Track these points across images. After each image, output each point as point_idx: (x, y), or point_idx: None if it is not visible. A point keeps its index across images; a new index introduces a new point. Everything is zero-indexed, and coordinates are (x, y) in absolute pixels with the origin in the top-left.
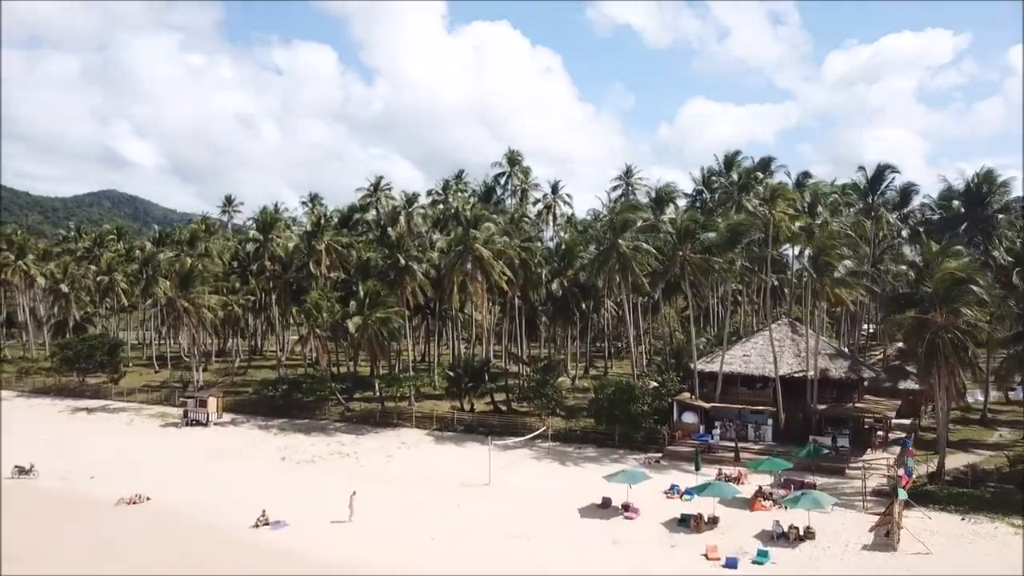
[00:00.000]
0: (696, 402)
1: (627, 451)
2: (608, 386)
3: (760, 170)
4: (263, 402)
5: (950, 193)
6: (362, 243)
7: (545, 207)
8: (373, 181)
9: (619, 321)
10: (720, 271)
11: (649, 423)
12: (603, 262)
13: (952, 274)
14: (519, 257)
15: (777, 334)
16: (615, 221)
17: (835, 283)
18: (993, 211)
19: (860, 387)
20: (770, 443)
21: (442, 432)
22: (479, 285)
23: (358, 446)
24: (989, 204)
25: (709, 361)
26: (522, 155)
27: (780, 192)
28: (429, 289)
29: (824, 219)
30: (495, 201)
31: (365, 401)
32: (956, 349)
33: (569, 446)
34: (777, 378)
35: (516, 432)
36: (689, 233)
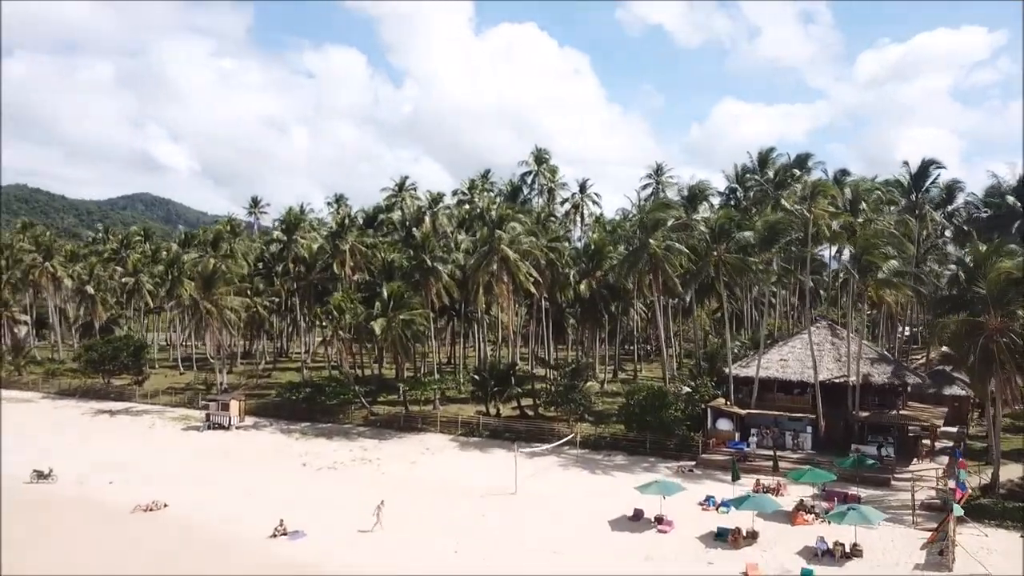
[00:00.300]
0: (731, 408)
1: (658, 459)
2: (639, 391)
3: (797, 167)
4: (286, 405)
5: (1001, 190)
6: (387, 244)
7: (573, 207)
8: (398, 181)
9: (648, 323)
10: (756, 272)
11: (682, 430)
12: (633, 262)
13: (1008, 274)
14: (546, 258)
15: (816, 337)
16: (646, 220)
17: (879, 284)
18: None
19: (904, 393)
20: (809, 452)
21: (467, 437)
22: (505, 286)
23: (381, 451)
24: None
25: (744, 365)
26: (549, 153)
27: (821, 188)
28: (454, 290)
29: (867, 217)
30: (522, 201)
31: (389, 405)
32: (1012, 354)
33: (598, 453)
34: (817, 383)
35: (543, 438)
36: (724, 232)
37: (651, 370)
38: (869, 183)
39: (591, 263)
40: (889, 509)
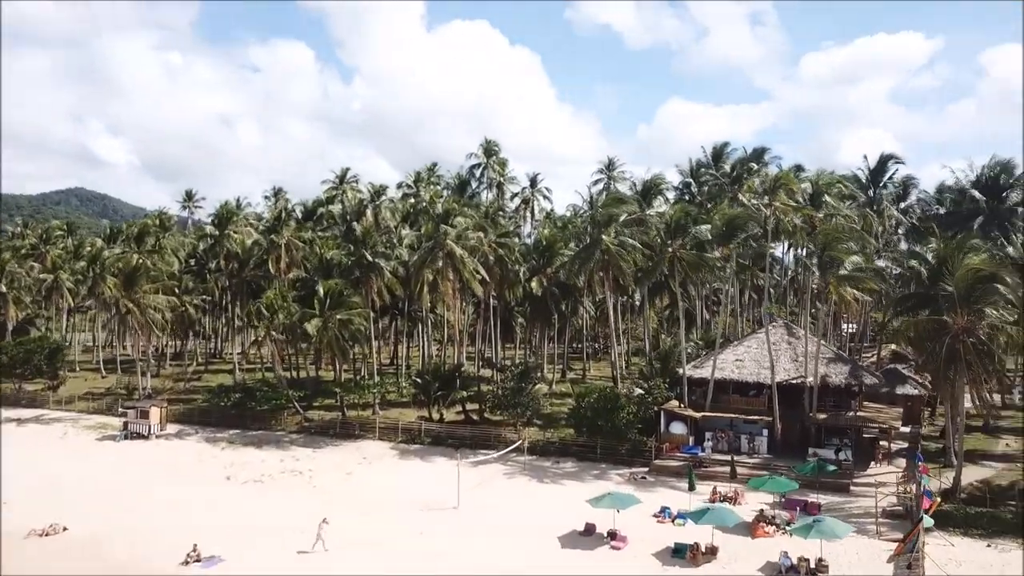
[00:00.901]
0: (685, 411)
1: (610, 465)
2: (590, 393)
3: (753, 161)
4: (214, 411)
5: (959, 186)
6: (326, 239)
7: (523, 202)
8: (339, 173)
9: (597, 322)
10: (714, 268)
11: (634, 434)
12: (586, 259)
13: (977, 271)
14: (494, 254)
15: (772, 337)
16: (599, 215)
17: (841, 281)
18: (1012, 204)
19: (860, 394)
20: (766, 456)
21: (408, 445)
22: (450, 284)
23: (314, 461)
24: (1007, 196)
25: (698, 366)
26: (499, 146)
27: (783, 181)
28: (397, 288)
29: (829, 211)
30: (470, 195)
31: (326, 410)
32: (980, 355)
33: (546, 460)
34: (774, 385)
35: (489, 444)
36: (680, 227)
37: (599, 369)
38: (830, 177)
39: (542, 260)
40: (851, 518)
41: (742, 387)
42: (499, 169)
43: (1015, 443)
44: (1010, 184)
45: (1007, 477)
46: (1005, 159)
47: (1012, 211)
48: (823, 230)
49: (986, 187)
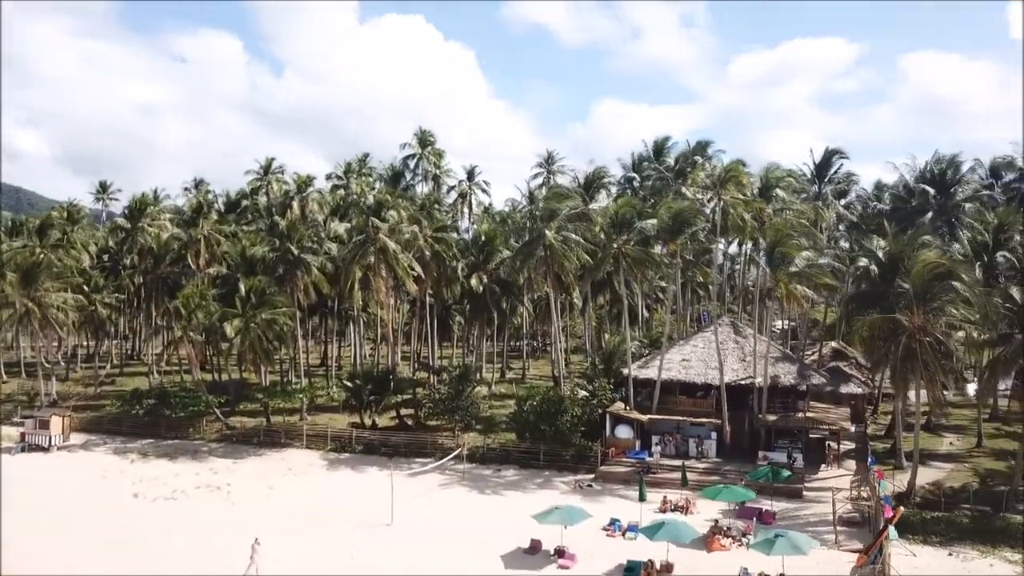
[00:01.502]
0: (631, 414)
1: (554, 472)
2: (532, 396)
3: (697, 155)
4: (126, 419)
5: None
6: (250, 233)
7: (460, 196)
8: (264, 163)
9: (536, 319)
10: (661, 264)
11: (579, 439)
12: (528, 255)
13: (933, 268)
14: (431, 249)
15: (719, 336)
16: (542, 209)
17: (792, 278)
18: (959, 200)
19: (808, 394)
20: (715, 460)
21: (338, 454)
22: (383, 281)
23: (234, 474)
24: (955, 192)
25: (644, 366)
26: (434, 136)
27: (733, 174)
28: (325, 285)
29: (780, 205)
30: (404, 187)
31: (250, 416)
32: (937, 355)
33: (487, 468)
34: (722, 385)
35: (425, 452)
36: (626, 222)
37: (539, 367)
38: (780, 170)
39: (481, 255)
40: (807, 526)
41: (689, 388)
42: (435, 160)
43: (958, 441)
44: (957, 180)
45: (957, 478)
46: (951, 155)
47: (959, 207)
48: (774, 225)
49: (933, 183)
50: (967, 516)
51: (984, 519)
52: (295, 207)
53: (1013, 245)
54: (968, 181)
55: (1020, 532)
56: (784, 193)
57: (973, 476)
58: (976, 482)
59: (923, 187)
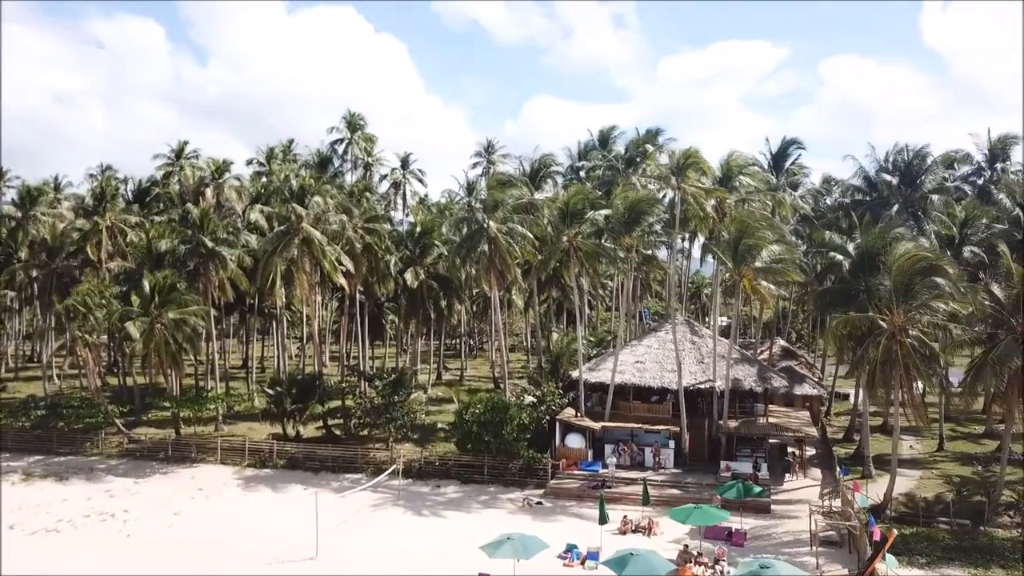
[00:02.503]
0: (583, 421)
1: (500, 488)
2: (475, 403)
3: (648, 143)
4: (11, 433)
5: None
6: (160, 224)
7: (393, 185)
8: (176, 147)
9: (474, 317)
10: (616, 259)
11: (527, 450)
12: (470, 248)
13: (915, 262)
14: (361, 241)
15: (672, 336)
16: (484, 198)
17: (758, 273)
18: (926, 191)
19: (767, 397)
20: (673, 471)
21: (257, 470)
22: (307, 276)
23: (133, 498)
24: (922, 183)
25: (594, 368)
26: (365, 120)
27: (693, 160)
28: (243, 281)
29: (744, 194)
30: (332, 174)
31: (158, 426)
32: (922, 357)
33: (425, 483)
34: (681, 389)
35: (355, 467)
36: (577, 213)
37: (477, 367)
38: (743, 157)
39: (417, 249)
40: (781, 547)
41: (643, 392)
42: (365, 146)
43: (918, 444)
44: (924, 170)
45: (929, 487)
46: (918, 145)
47: (925, 199)
48: (738, 215)
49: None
50: (947, 532)
51: (966, 534)
52: (209, 195)
53: (980, 239)
54: (935, 172)
55: (1008, 549)
56: (751, 180)
57: (946, 485)
58: (951, 492)
59: (888, 178)
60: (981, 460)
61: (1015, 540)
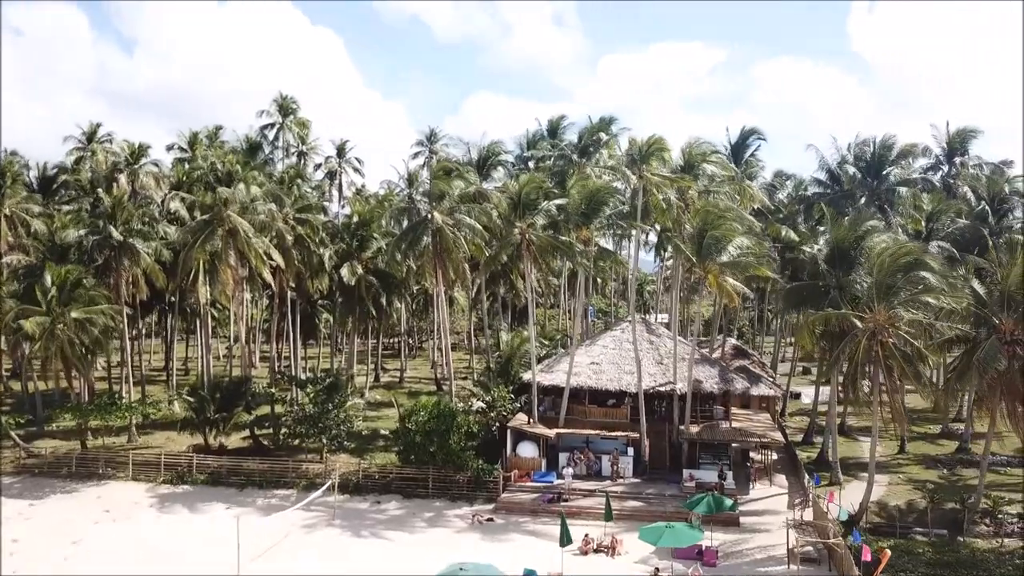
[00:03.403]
0: (536, 428)
1: (446, 502)
2: (419, 410)
3: (601, 131)
4: None
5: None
6: (69, 213)
7: (328, 174)
8: (87, 129)
9: (414, 315)
10: (573, 253)
11: (475, 461)
12: (413, 241)
13: (899, 256)
14: (292, 233)
15: (628, 335)
16: (429, 187)
17: (724, 268)
18: (891, 184)
19: (727, 400)
20: (632, 480)
21: (174, 487)
22: (231, 271)
23: (27, 523)
24: (887, 175)
25: (548, 370)
26: (297, 103)
27: (657, 147)
28: (160, 276)
29: (708, 185)
30: (262, 162)
31: (63, 437)
32: (903, 357)
33: (364, 499)
34: (641, 393)
35: (286, 481)
36: (531, 203)
37: (417, 368)
38: (706, 145)
39: (354, 241)
40: (755, 565)
41: (600, 396)
42: (299, 132)
43: (878, 447)
44: (892, 161)
45: (898, 494)
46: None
47: (892, 191)
48: (703, 206)
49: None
50: (926, 543)
51: (946, 546)
52: (123, 181)
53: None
54: (901, 163)
55: (992, 562)
56: (716, 168)
57: (916, 491)
58: (924, 499)
59: (853, 170)
60: (945, 463)
61: (996, 551)
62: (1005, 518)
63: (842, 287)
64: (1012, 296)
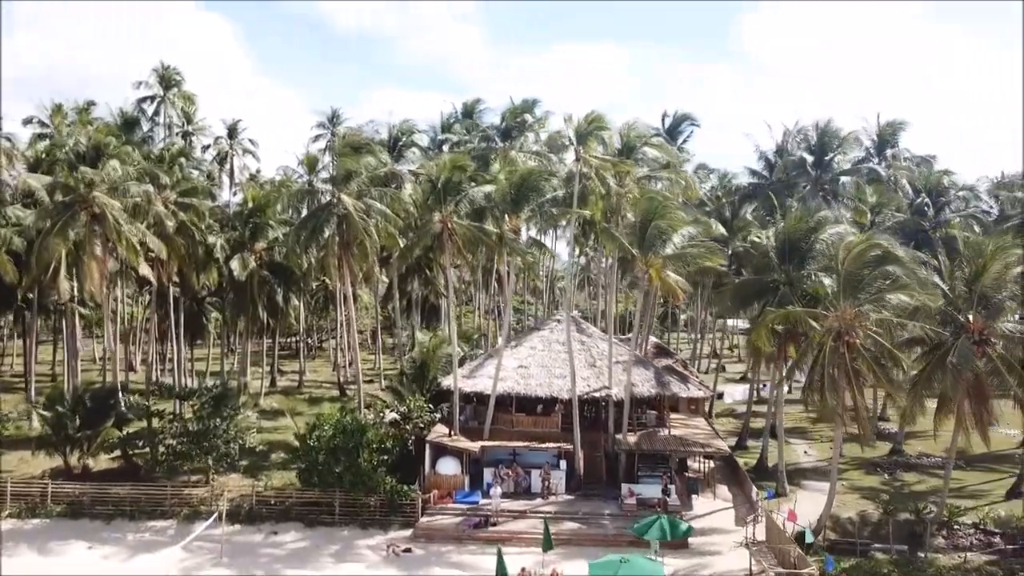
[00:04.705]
0: (459, 442)
1: (356, 530)
2: (323, 424)
3: (525, 112)
4: None
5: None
6: None
7: (219, 159)
8: None
9: (312, 313)
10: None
11: (390, 482)
12: (316, 228)
13: (866, 250)
14: (174, 219)
15: (558, 336)
16: (337, 166)
17: (669, 261)
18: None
19: (662, 404)
20: (566, 497)
21: (21, 521)
22: (98, 262)
23: None
24: (831, 164)
25: (470, 375)
26: (182, 75)
27: (597, 125)
28: (8, 269)
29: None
30: (141, 139)
31: None
32: (874, 360)
33: (258, 529)
34: (575, 399)
35: (164, 511)
36: (453, 187)
37: (317, 370)
38: (645, 127)
39: (247, 230)
40: None
41: (528, 403)
42: (183, 107)
43: (811, 450)
44: (837, 148)
45: (849, 505)
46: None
47: (836, 180)
48: (645, 194)
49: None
50: (889, 562)
51: (910, 564)
52: None
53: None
54: (847, 151)
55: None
56: (657, 152)
57: (865, 500)
58: (877, 510)
59: (797, 158)
60: (884, 466)
61: (961, 568)
62: (961, 529)
63: (792, 283)
64: (984, 293)
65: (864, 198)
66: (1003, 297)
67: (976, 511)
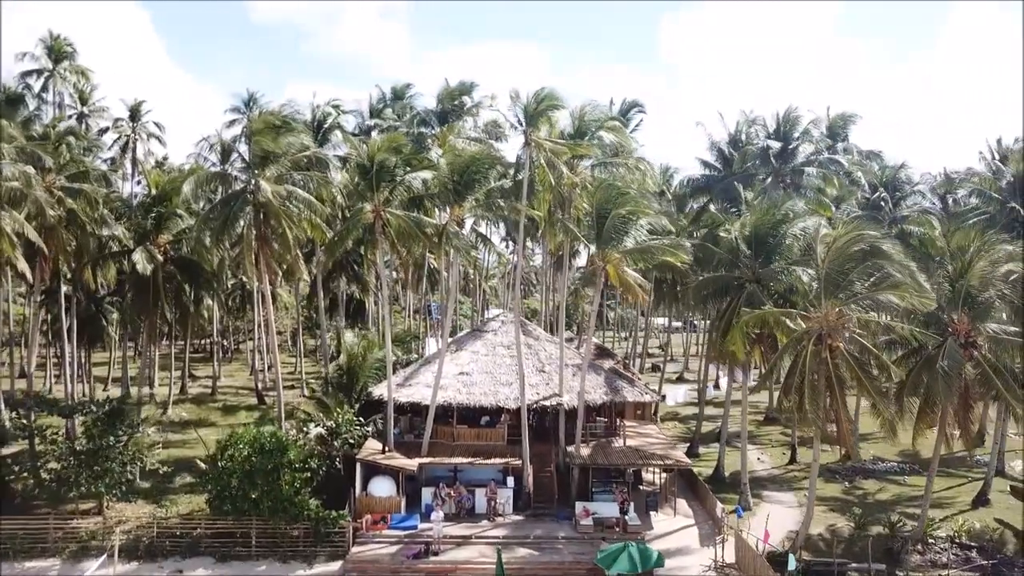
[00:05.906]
0: (394, 460)
1: (275, 563)
2: (236, 443)
3: (464, 94)
4: None
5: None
6: None
7: (121, 142)
8: None
9: (228, 313)
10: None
11: (315, 507)
12: (229, 217)
13: (848, 244)
14: (60, 207)
15: (503, 338)
16: (252, 148)
17: (628, 256)
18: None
19: (612, 411)
20: (515, 518)
21: None
22: None
23: None
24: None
25: (405, 383)
26: (75, 47)
27: (549, 104)
28: None
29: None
30: (26, 119)
31: None
32: (858, 365)
33: (159, 566)
34: (524, 408)
35: (46, 548)
36: (387, 173)
37: (233, 375)
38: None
39: (150, 221)
40: None
41: (471, 414)
42: (77, 83)
43: (765, 457)
44: (796, 138)
45: (816, 519)
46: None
47: (799, 172)
48: (601, 183)
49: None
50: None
51: None
52: None
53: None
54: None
55: None
56: (615, 137)
57: (833, 513)
58: (849, 524)
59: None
60: (843, 474)
61: None
62: (936, 544)
63: (760, 280)
64: (969, 292)
65: (827, 191)
66: (990, 296)
67: (947, 522)
